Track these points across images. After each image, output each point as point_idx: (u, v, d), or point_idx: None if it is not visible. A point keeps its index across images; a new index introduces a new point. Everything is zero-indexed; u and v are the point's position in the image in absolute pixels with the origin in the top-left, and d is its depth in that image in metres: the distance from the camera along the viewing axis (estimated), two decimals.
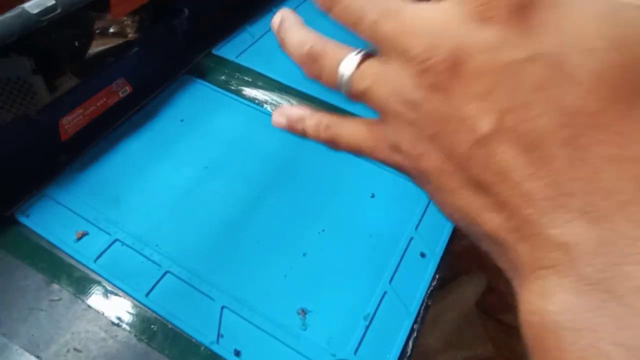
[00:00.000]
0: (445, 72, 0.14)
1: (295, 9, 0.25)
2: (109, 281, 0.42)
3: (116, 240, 0.45)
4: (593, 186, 0.13)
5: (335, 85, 0.19)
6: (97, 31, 0.51)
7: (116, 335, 0.39)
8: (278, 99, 0.60)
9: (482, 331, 1.24)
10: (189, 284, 0.43)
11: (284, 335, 0.40)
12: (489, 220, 0.15)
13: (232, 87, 0.60)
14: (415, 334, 0.43)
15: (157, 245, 0.45)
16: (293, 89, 0.62)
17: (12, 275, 0.42)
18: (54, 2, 0.42)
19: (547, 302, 0.13)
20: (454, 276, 1.33)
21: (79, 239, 0.44)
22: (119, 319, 0.40)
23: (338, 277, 0.44)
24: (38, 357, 0.37)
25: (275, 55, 0.64)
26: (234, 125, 0.56)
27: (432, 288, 0.46)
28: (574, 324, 0.13)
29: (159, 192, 0.49)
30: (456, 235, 0.51)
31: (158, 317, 0.41)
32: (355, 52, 0.18)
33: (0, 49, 0.39)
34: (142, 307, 0.41)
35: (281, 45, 0.20)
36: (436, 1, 0.16)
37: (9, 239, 0.44)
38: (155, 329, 0.40)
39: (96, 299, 0.41)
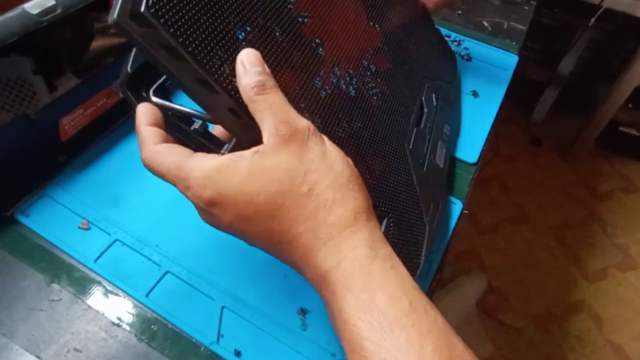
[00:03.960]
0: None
1: None
2: (109, 281, 0.42)
3: (116, 240, 0.45)
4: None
5: None
6: (97, 31, 0.51)
7: (116, 335, 0.39)
8: None
9: (482, 331, 1.24)
10: (189, 284, 0.43)
11: (284, 335, 0.40)
12: None
13: None
14: None
15: (157, 245, 0.45)
16: None
17: (12, 275, 0.42)
18: (54, 2, 0.42)
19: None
20: (454, 276, 1.33)
21: (84, 229, 0.44)
22: (119, 319, 0.40)
23: None
24: (38, 357, 0.37)
25: None
26: None
27: (432, 288, 0.46)
28: None
29: (159, 192, 0.49)
30: (456, 235, 0.51)
31: (158, 317, 0.41)
32: None
33: (0, 49, 0.39)
34: (142, 307, 0.41)
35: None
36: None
37: (9, 239, 0.44)
38: (155, 329, 0.40)
39: (96, 299, 0.41)
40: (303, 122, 0.28)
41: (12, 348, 0.38)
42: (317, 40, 0.37)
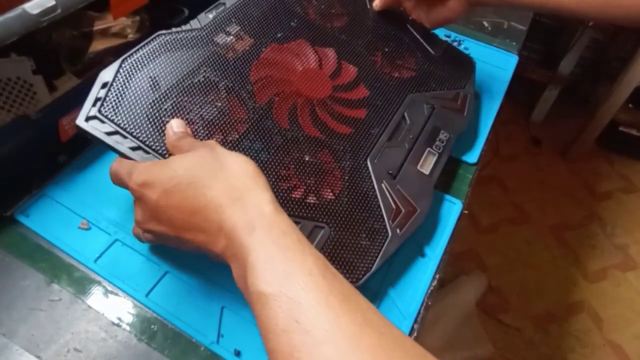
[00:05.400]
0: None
1: None
2: (109, 281, 0.42)
3: (116, 240, 0.45)
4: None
5: None
6: (97, 31, 0.51)
7: (116, 335, 0.39)
8: None
9: (482, 331, 1.24)
10: (189, 283, 0.43)
11: None
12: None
13: None
14: (415, 334, 0.43)
15: (157, 245, 0.45)
16: None
17: (12, 275, 0.42)
18: (54, 2, 0.42)
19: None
20: (454, 276, 1.33)
21: (84, 229, 0.45)
22: (119, 319, 0.40)
23: None
24: (38, 357, 0.37)
25: None
26: None
27: (432, 288, 0.46)
28: None
29: None
30: (456, 235, 0.51)
31: (158, 317, 0.41)
32: None
33: (1, 49, 0.39)
34: (142, 307, 0.41)
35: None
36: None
37: (9, 239, 0.44)
38: (155, 329, 0.40)
39: (96, 299, 0.41)
40: (211, 140, 0.39)
41: (12, 348, 0.38)
42: (273, 96, 0.47)
